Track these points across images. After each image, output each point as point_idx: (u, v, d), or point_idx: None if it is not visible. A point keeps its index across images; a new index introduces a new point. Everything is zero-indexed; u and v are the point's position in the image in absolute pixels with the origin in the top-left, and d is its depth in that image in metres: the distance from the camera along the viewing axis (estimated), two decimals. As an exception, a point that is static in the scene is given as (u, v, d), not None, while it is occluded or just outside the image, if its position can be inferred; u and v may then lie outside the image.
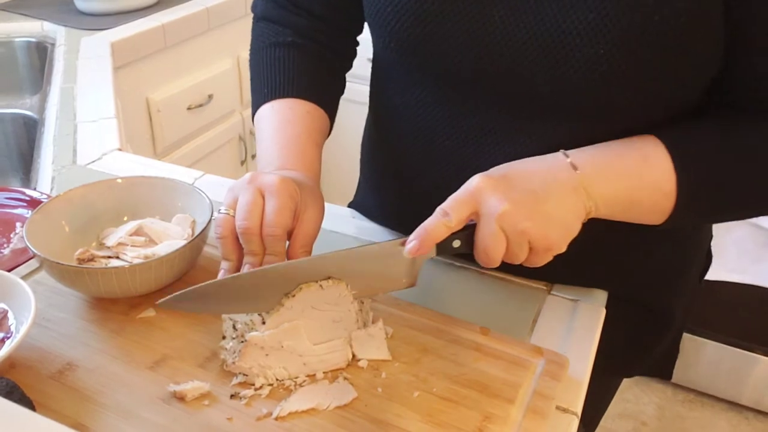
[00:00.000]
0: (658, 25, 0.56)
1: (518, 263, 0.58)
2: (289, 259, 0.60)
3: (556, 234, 0.56)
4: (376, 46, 0.73)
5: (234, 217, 0.59)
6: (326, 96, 0.76)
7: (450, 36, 0.63)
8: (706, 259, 0.87)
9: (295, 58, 0.75)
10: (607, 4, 0.56)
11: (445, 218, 0.56)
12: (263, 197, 0.59)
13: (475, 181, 0.56)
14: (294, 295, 0.56)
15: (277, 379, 0.56)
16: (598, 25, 0.57)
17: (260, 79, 0.76)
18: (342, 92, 0.82)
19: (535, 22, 0.59)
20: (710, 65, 0.59)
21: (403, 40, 0.65)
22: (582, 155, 0.60)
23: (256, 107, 0.75)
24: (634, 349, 0.85)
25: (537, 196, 0.56)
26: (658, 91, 0.59)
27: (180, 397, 0.54)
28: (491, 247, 0.56)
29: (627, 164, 0.60)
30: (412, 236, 0.56)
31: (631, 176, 0.60)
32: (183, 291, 0.55)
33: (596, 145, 0.61)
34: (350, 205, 0.90)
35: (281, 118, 0.72)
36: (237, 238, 0.59)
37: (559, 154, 0.60)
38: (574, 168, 0.58)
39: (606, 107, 0.60)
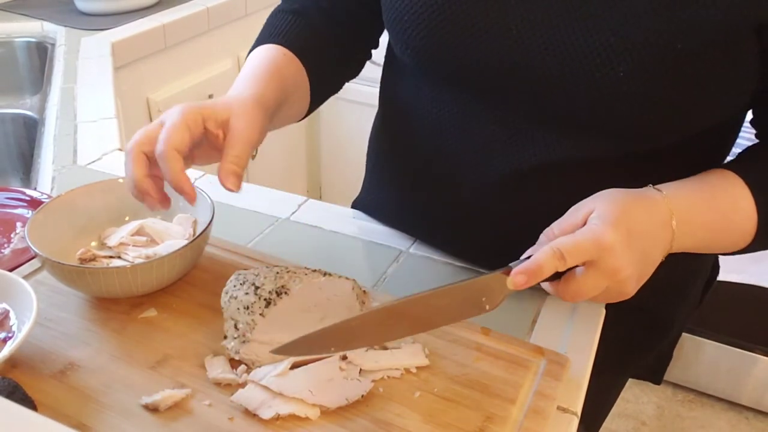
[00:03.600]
0: (680, 53, 0.55)
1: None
2: (220, 173, 0.58)
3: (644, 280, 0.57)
4: (392, 49, 0.73)
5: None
6: (315, 61, 0.74)
7: (466, 46, 0.63)
8: (712, 271, 0.87)
9: (295, 21, 0.74)
10: (629, 28, 0.56)
11: (560, 261, 0.53)
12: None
13: (609, 236, 0.53)
14: (288, 293, 0.56)
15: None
16: (619, 48, 0.56)
17: (259, 36, 0.75)
18: (340, 83, 0.81)
19: (553, 38, 0.59)
20: (736, 93, 0.59)
21: (420, 47, 0.65)
22: (678, 204, 0.59)
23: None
24: (630, 351, 0.85)
25: (647, 255, 0.56)
26: (676, 114, 0.59)
27: (153, 409, 0.54)
28: (588, 294, 0.55)
29: (716, 216, 0.61)
30: (520, 269, 0.54)
31: (717, 229, 0.61)
32: (298, 339, 0.51)
33: (689, 189, 0.61)
34: (354, 203, 0.90)
35: (254, 55, 0.71)
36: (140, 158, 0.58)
37: (663, 205, 0.58)
38: (671, 216, 0.58)
39: (620, 126, 0.60)
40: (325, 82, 0.77)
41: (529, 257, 0.56)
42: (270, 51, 0.71)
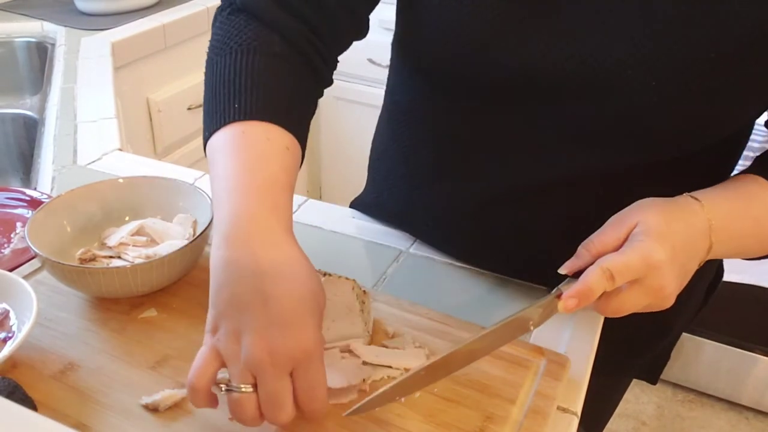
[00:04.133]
0: (714, 62, 0.55)
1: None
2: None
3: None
4: (400, 53, 0.72)
5: (252, 392, 0.47)
6: (306, 128, 0.62)
7: (490, 61, 0.61)
8: (716, 274, 0.87)
9: (280, 73, 0.60)
10: (664, 37, 0.55)
11: (609, 281, 0.52)
12: (290, 373, 0.47)
13: (658, 255, 0.52)
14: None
15: None
16: (652, 58, 0.55)
17: (229, 89, 0.60)
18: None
19: (582, 50, 0.58)
20: (765, 101, 0.59)
21: (436, 69, 0.65)
22: (716, 214, 0.58)
23: (217, 124, 0.58)
24: (630, 352, 0.84)
25: (686, 267, 0.55)
26: (704, 122, 0.58)
27: (153, 409, 0.54)
28: (630, 310, 0.54)
29: (751, 223, 0.60)
30: (571, 293, 0.53)
31: (751, 235, 0.60)
32: (365, 401, 0.50)
33: (726, 197, 0.60)
34: (353, 203, 0.90)
35: (256, 154, 0.55)
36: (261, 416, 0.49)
37: (702, 215, 0.57)
38: (710, 226, 0.57)
39: (646, 135, 0.59)
40: (307, 132, 0.66)
41: (570, 276, 0.56)
42: (276, 145, 0.56)
